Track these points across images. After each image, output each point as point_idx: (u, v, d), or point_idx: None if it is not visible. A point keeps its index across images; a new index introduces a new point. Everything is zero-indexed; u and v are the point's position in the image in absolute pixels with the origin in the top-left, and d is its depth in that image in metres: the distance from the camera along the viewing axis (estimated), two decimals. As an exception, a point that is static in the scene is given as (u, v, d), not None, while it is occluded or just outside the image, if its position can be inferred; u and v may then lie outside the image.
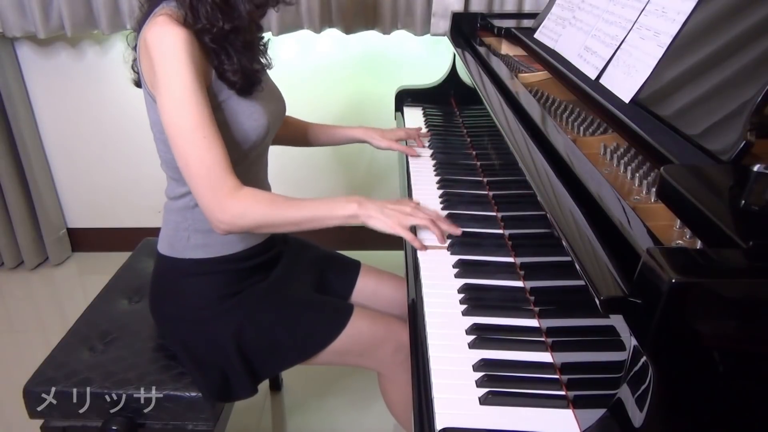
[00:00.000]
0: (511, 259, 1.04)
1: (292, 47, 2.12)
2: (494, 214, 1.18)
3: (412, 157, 1.45)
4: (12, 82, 2.10)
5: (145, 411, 1.12)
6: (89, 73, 2.17)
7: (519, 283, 0.98)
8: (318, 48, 2.14)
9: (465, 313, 0.91)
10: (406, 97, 1.83)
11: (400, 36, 2.07)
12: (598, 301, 0.60)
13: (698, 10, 0.92)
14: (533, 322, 0.88)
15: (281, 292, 1.17)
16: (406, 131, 1.50)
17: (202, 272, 1.12)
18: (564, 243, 0.72)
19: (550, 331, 0.85)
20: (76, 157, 2.32)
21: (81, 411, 1.12)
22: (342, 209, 1.01)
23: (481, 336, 0.86)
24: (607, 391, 0.64)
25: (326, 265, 1.32)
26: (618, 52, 1.06)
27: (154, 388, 1.11)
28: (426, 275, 1.00)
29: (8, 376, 1.81)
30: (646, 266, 0.56)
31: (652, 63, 0.95)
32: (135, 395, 1.10)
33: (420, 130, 1.56)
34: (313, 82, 2.18)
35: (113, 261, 1.65)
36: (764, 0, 0.80)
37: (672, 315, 0.53)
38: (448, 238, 1.08)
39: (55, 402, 1.11)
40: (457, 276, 1.00)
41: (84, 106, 2.23)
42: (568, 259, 0.70)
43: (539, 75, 1.33)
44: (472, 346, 0.84)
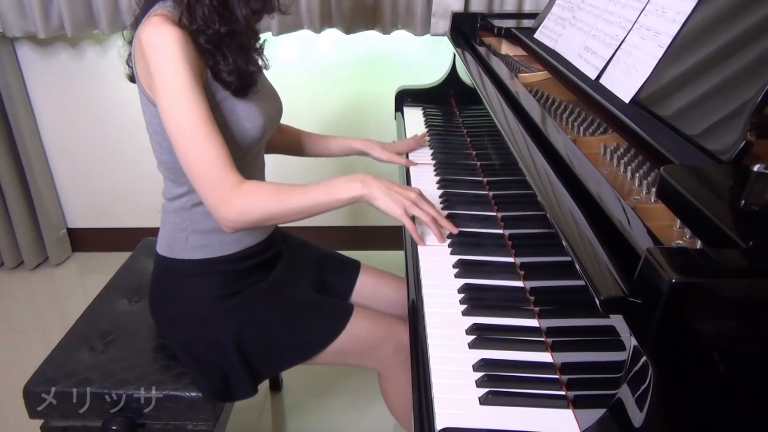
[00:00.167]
0: (511, 259, 1.04)
1: (292, 47, 2.13)
2: (494, 214, 1.18)
3: (412, 154, 1.45)
4: (12, 82, 2.10)
5: (145, 411, 1.12)
6: (89, 73, 2.17)
7: (519, 283, 0.98)
8: (318, 48, 2.14)
9: (465, 313, 0.91)
10: (406, 97, 1.83)
11: (400, 36, 2.07)
12: (598, 301, 0.60)
13: (698, 10, 0.92)
14: (533, 322, 0.88)
15: (281, 292, 1.17)
16: (407, 144, 1.48)
17: (201, 273, 1.12)
18: (564, 243, 0.72)
19: (550, 331, 0.85)
20: (76, 157, 2.32)
21: (81, 411, 1.12)
22: (345, 191, 1.01)
23: (481, 336, 0.86)
24: (607, 391, 0.64)
25: (326, 265, 1.32)
26: (618, 52, 1.06)
27: (154, 388, 1.11)
28: (426, 275, 1.00)
29: (8, 376, 1.81)
30: (646, 266, 0.55)
31: (652, 63, 0.95)
32: (135, 395, 1.10)
33: (423, 138, 1.53)
34: (313, 82, 2.18)
35: (113, 261, 1.66)
36: (764, 0, 0.80)
37: (672, 315, 0.53)
38: (449, 237, 1.08)
39: (55, 402, 1.11)
40: (457, 276, 1.00)
41: (84, 106, 2.23)
42: (568, 259, 0.70)
43: (539, 75, 1.33)
44: (472, 346, 0.84)
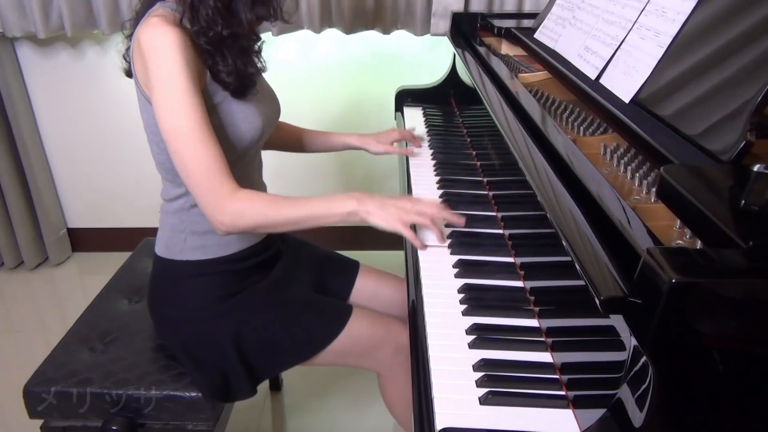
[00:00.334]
0: (511, 259, 1.04)
1: (292, 47, 2.13)
2: (494, 214, 1.18)
3: (412, 157, 1.45)
4: (12, 82, 2.10)
5: (145, 411, 1.12)
6: (89, 73, 2.17)
7: (519, 283, 0.98)
8: (318, 48, 2.14)
9: (465, 313, 0.91)
10: (406, 97, 1.83)
11: (400, 36, 2.07)
12: (598, 301, 0.60)
13: (698, 10, 0.92)
14: (533, 322, 0.88)
15: (280, 293, 1.17)
16: (400, 131, 1.49)
17: (199, 274, 1.12)
18: (564, 243, 0.72)
19: (550, 331, 0.85)
20: (76, 157, 2.32)
21: (81, 411, 1.12)
22: (341, 206, 1.01)
23: (481, 336, 0.86)
24: (607, 391, 0.64)
25: (325, 265, 1.32)
26: (618, 52, 1.06)
27: (154, 388, 1.11)
28: (426, 275, 1.00)
29: (8, 376, 1.81)
30: (646, 266, 0.55)
31: (652, 63, 0.95)
32: (135, 395, 1.10)
33: (413, 130, 1.54)
34: (313, 82, 2.18)
35: (113, 261, 1.66)
36: (764, 0, 0.80)
37: (672, 315, 0.53)
38: (449, 237, 1.08)
39: (55, 402, 1.11)
40: (457, 276, 1.00)
41: (84, 106, 2.23)
42: (568, 259, 0.70)
43: (539, 75, 1.33)
44: (472, 346, 0.84)
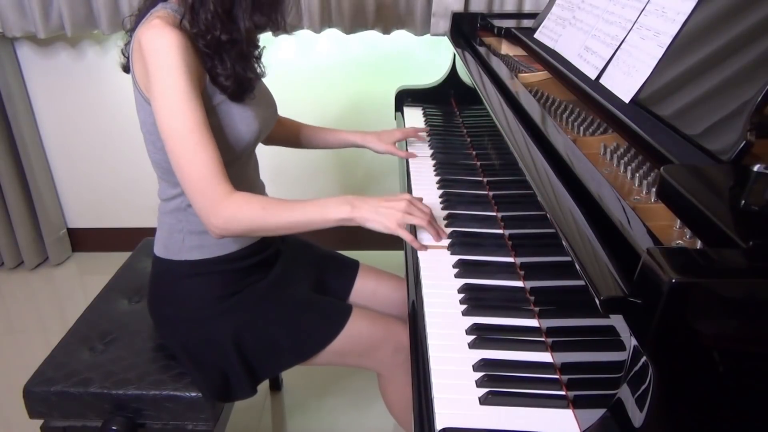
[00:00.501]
0: (511, 259, 1.04)
1: (291, 47, 2.13)
2: (494, 214, 1.18)
3: (411, 158, 1.45)
4: (12, 82, 2.10)
5: (145, 411, 1.12)
6: (89, 73, 2.17)
7: (519, 283, 0.98)
8: (318, 48, 2.13)
9: (465, 313, 0.91)
10: (406, 97, 1.83)
11: (400, 36, 2.07)
12: (598, 301, 0.60)
13: (698, 10, 0.92)
14: (533, 322, 0.88)
15: (279, 293, 1.17)
16: (403, 132, 1.49)
17: (198, 273, 1.12)
18: (564, 243, 0.72)
19: (550, 331, 0.85)
20: (76, 157, 2.32)
21: (81, 411, 1.12)
22: (335, 212, 1.00)
23: (481, 336, 0.86)
24: (607, 391, 0.64)
25: (325, 265, 1.32)
26: (618, 52, 1.06)
27: (154, 388, 1.11)
28: (426, 275, 1.00)
29: (8, 376, 1.81)
30: (646, 266, 0.55)
31: (652, 63, 0.95)
32: (135, 395, 1.10)
33: (417, 131, 1.54)
34: (313, 82, 2.18)
35: (113, 261, 1.66)
36: (764, 0, 0.80)
37: (672, 315, 0.53)
38: (449, 237, 1.08)
39: (55, 402, 1.11)
40: (457, 276, 1.00)
41: (84, 106, 2.23)
42: (568, 259, 0.70)
43: (539, 75, 1.33)
44: (472, 346, 0.84)
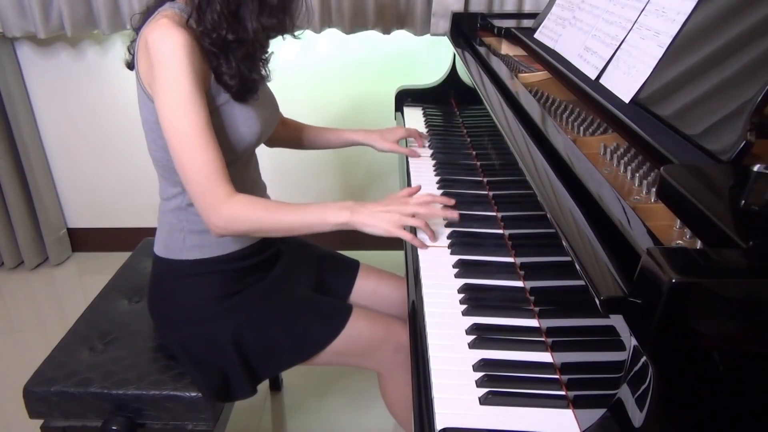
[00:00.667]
0: (511, 259, 1.04)
1: (292, 47, 2.12)
2: (494, 214, 1.18)
3: (413, 157, 1.45)
4: (12, 82, 2.10)
5: (145, 411, 1.12)
6: (89, 73, 2.17)
7: (519, 283, 0.98)
8: (318, 48, 2.13)
9: (465, 313, 0.91)
10: (406, 97, 1.83)
11: (400, 36, 2.07)
12: (598, 301, 0.60)
13: (698, 10, 0.92)
14: (533, 322, 0.88)
15: (280, 293, 1.17)
16: (406, 130, 1.50)
17: (199, 273, 1.12)
18: (564, 243, 0.72)
19: (550, 331, 0.85)
20: (76, 157, 2.32)
21: (81, 411, 1.12)
22: (334, 217, 1.02)
23: (481, 336, 0.86)
24: (607, 391, 0.64)
25: (325, 264, 1.32)
26: (618, 52, 1.06)
27: (154, 388, 1.11)
28: (426, 275, 1.00)
29: (8, 376, 1.81)
30: (646, 266, 0.56)
31: (652, 63, 0.95)
32: (135, 395, 1.10)
33: (418, 133, 1.53)
34: (313, 82, 2.18)
35: (113, 261, 1.66)
36: (764, 0, 0.80)
37: (672, 315, 0.53)
38: (449, 237, 1.08)
39: (55, 402, 1.11)
40: (457, 276, 1.00)
41: (84, 106, 2.23)
42: (568, 259, 0.70)
43: (539, 75, 1.33)
44: (472, 346, 0.84)
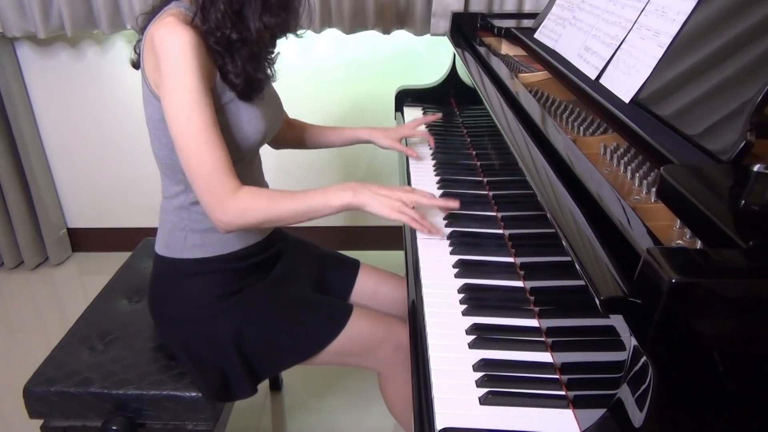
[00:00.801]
0: (511, 259, 1.04)
1: (292, 47, 2.12)
2: (494, 214, 1.18)
3: (413, 157, 1.45)
4: (12, 82, 2.10)
5: (145, 411, 1.12)
6: (89, 73, 2.17)
7: (519, 283, 0.98)
8: (318, 48, 2.14)
9: (465, 313, 0.91)
10: (406, 97, 1.83)
11: (400, 36, 2.07)
12: (598, 301, 0.60)
13: (698, 10, 0.92)
14: (533, 322, 0.88)
15: (280, 292, 1.17)
16: (410, 129, 1.49)
17: (200, 272, 1.12)
18: (564, 243, 0.72)
19: (550, 331, 0.85)
20: (76, 157, 2.32)
21: (81, 411, 1.12)
22: (337, 198, 1.03)
23: (481, 336, 0.86)
24: (607, 391, 0.64)
25: (325, 264, 1.32)
26: (618, 52, 1.06)
27: (154, 388, 1.11)
28: (426, 275, 1.00)
29: (8, 376, 1.81)
30: (646, 266, 0.55)
31: (652, 63, 0.95)
32: (135, 395, 1.10)
33: (422, 123, 1.52)
34: (313, 82, 2.18)
35: (113, 261, 1.66)
36: (764, 0, 0.80)
37: (672, 315, 0.53)
38: (448, 237, 1.08)
39: (55, 402, 1.11)
40: (457, 276, 1.00)
41: (84, 106, 2.23)
42: (568, 259, 0.70)
43: (539, 75, 1.33)
44: (472, 346, 0.84)
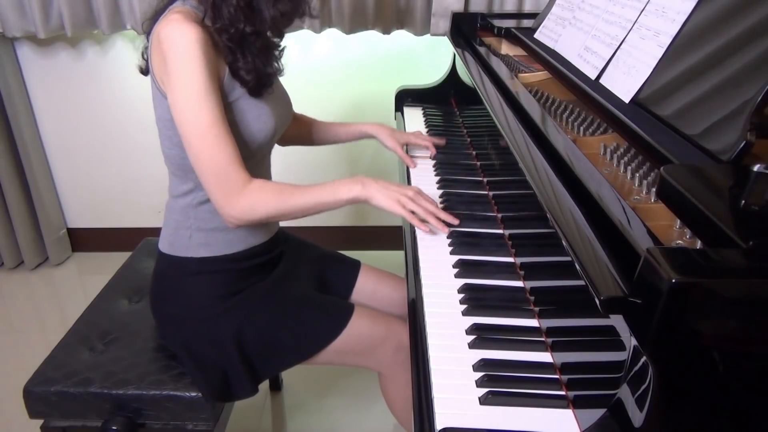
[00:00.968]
0: (511, 259, 1.04)
1: (292, 47, 2.11)
2: (494, 214, 1.18)
3: (413, 156, 1.45)
4: (12, 82, 2.10)
5: (145, 411, 1.12)
6: (89, 73, 2.17)
7: (519, 283, 0.98)
8: (318, 48, 2.14)
9: (465, 313, 0.91)
10: (406, 97, 1.83)
11: (400, 36, 2.07)
12: (598, 301, 0.60)
13: (698, 10, 0.92)
14: (533, 322, 0.88)
15: (282, 292, 1.17)
16: (416, 139, 1.45)
17: (203, 271, 1.12)
18: (564, 243, 0.72)
19: (550, 331, 0.85)
20: (76, 157, 2.32)
21: (81, 411, 1.12)
22: (346, 192, 1.04)
23: (481, 336, 0.86)
24: (607, 391, 0.64)
25: (326, 264, 1.32)
26: (618, 52, 1.06)
27: (154, 388, 1.11)
28: (426, 275, 1.00)
29: (8, 376, 1.81)
30: (646, 266, 0.56)
31: (652, 63, 0.95)
32: (135, 395, 1.10)
33: (428, 144, 1.46)
34: (313, 82, 2.18)
35: (113, 261, 1.66)
36: (764, 0, 0.80)
37: (672, 315, 0.53)
38: (448, 237, 1.09)
39: (55, 402, 1.11)
40: (457, 276, 1.00)
41: (84, 106, 2.23)
42: (568, 259, 0.70)
43: (539, 75, 1.33)
44: (472, 346, 0.84)
